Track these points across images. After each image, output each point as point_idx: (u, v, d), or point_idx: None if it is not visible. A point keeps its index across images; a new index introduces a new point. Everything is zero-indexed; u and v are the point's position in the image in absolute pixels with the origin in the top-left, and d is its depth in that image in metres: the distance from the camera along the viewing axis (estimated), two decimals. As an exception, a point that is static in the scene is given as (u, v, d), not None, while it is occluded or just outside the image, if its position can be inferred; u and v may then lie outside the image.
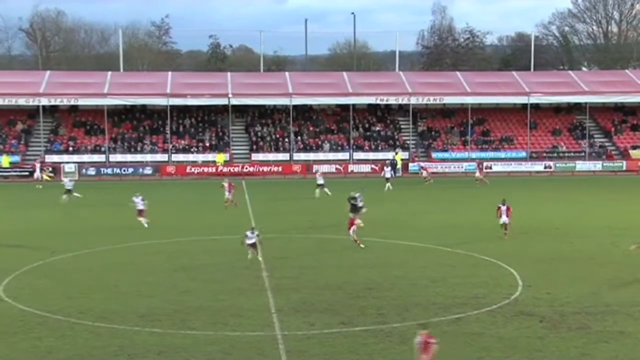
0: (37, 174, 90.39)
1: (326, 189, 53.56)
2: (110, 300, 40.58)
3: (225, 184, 70.97)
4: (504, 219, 52.55)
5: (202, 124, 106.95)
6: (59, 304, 39.56)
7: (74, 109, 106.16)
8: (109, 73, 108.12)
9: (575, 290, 38.58)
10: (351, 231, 52.27)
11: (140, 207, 59.06)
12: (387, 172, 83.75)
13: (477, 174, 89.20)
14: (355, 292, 40.84)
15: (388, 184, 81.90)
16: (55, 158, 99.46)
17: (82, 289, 42.86)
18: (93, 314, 37.76)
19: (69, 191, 73.16)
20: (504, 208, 52.62)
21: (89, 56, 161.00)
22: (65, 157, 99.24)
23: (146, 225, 58.78)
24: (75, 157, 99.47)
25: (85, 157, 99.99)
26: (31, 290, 42.74)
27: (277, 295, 40.65)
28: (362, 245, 51.66)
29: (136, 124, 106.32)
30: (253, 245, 48.53)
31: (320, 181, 53.42)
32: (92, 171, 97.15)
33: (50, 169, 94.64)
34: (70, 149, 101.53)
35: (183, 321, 36.71)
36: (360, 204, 50.53)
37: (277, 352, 31.79)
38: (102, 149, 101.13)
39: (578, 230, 57.56)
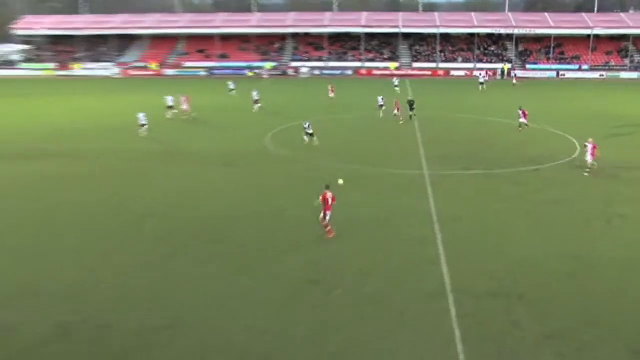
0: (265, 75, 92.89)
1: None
2: (324, 148, 42.71)
3: (329, 87, 67.90)
4: (522, 120, 47.62)
5: (383, 43, 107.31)
6: (296, 148, 42.05)
7: (306, 34, 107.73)
8: (328, 13, 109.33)
9: (611, 152, 38.12)
10: (395, 111, 52.91)
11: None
12: (480, 77, 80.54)
13: (514, 81, 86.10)
14: (474, 149, 41.90)
15: (482, 86, 78.13)
16: (295, 64, 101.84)
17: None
18: (306, 155, 40.14)
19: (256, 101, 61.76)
20: (520, 112, 47.84)
21: None
22: (302, 63, 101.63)
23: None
24: (308, 63, 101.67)
25: (313, 64, 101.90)
26: (282, 141, 45.41)
27: (426, 148, 42.15)
28: (400, 121, 51.97)
29: (343, 43, 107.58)
30: (311, 135, 42.80)
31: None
32: (317, 72, 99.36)
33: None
34: (305, 58, 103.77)
35: (365, 162, 38.01)
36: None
37: (424, 182, 33.60)
38: (323, 58, 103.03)
39: (619, 115, 56.34)
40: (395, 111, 53.18)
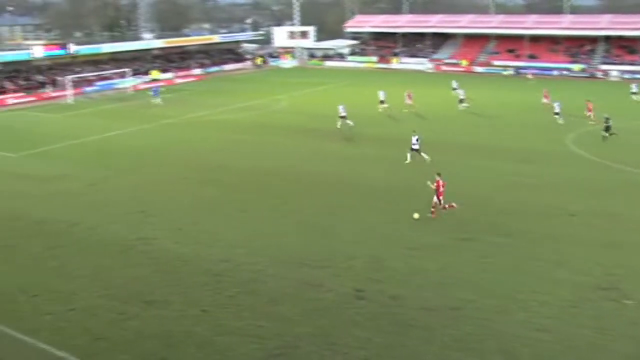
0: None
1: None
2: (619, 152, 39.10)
3: (544, 91, 60.34)
4: None
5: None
6: (594, 152, 38.88)
7: (620, 37, 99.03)
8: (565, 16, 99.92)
9: None
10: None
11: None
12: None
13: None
14: None
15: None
16: (605, 67, 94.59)
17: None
18: (607, 159, 36.85)
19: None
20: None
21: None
22: (612, 67, 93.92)
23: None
24: (619, 67, 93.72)
25: (625, 67, 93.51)
26: (586, 144, 42.48)
27: None
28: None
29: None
30: (417, 150, 37.03)
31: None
32: (627, 76, 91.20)
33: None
34: (616, 62, 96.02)
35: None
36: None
37: None
38: (636, 62, 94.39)
39: None
40: (588, 112, 49.37)
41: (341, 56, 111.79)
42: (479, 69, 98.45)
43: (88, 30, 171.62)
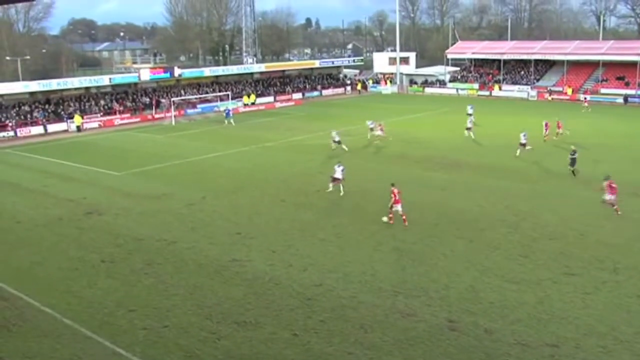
0: None
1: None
2: None
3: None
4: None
5: None
6: None
7: None
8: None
9: None
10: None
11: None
12: None
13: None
14: None
15: None
16: None
17: None
18: None
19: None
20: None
21: None
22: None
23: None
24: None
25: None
26: None
27: None
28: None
29: None
30: (336, 180, 36.47)
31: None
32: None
33: None
34: None
35: None
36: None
37: None
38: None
39: None
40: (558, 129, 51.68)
41: (442, 83, 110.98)
42: (585, 97, 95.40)
43: (192, 54, 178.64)
